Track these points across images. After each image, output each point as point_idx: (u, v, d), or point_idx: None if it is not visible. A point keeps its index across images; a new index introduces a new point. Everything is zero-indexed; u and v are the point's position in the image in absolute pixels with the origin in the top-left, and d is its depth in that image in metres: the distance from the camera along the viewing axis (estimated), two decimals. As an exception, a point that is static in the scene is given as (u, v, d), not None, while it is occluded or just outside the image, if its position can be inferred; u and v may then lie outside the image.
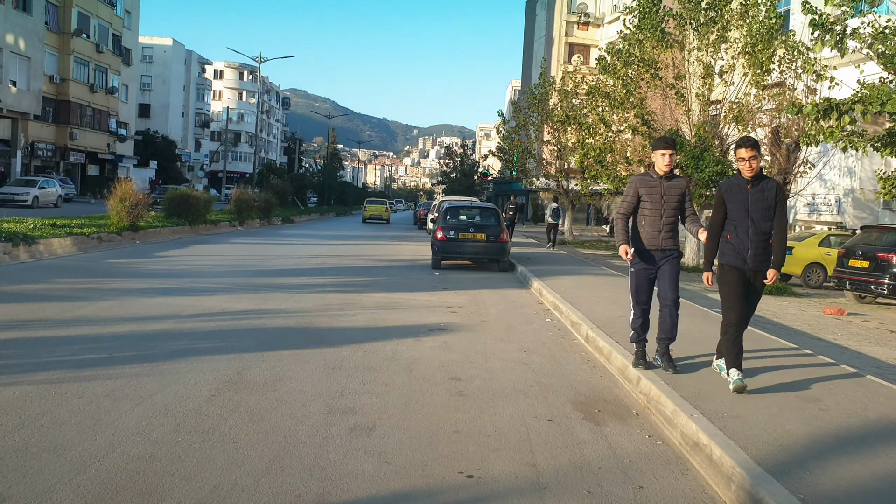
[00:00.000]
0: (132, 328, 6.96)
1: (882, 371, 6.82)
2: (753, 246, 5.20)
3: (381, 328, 7.79)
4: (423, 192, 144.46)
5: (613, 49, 18.49)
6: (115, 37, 47.45)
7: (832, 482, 3.57)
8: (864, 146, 10.42)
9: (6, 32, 34.27)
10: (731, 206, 5.28)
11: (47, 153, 40.60)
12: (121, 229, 17.17)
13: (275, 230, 28.39)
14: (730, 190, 5.33)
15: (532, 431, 4.49)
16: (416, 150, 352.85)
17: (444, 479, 3.67)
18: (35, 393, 4.66)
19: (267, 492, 3.38)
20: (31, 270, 11.14)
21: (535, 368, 6.26)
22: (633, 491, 3.65)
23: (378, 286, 11.59)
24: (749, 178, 5.24)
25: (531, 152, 30.62)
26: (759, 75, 15.71)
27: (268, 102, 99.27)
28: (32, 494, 3.20)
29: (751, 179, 5.24)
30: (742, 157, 5.23)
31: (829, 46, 9.48)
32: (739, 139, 5.35)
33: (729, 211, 5.29)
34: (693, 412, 4.59)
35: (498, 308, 9.92)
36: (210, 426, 4.24)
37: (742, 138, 5.33)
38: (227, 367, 5.65)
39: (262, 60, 48.41)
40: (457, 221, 15.51)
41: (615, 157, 19.90)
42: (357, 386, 5.32)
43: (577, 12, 51.81)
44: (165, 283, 10.52)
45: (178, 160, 65.94)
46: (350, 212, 64.15)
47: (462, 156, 62.40)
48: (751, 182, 5.24)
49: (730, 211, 5.29)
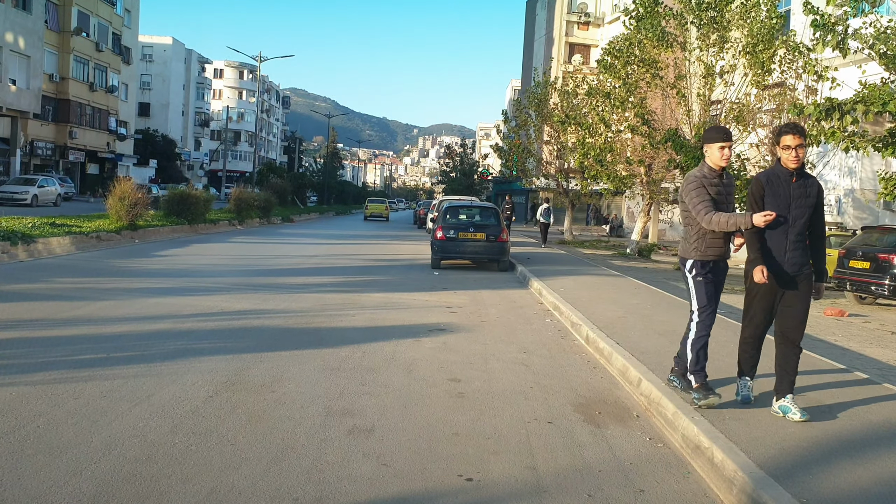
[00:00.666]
0: (130, 328, 6.93)
1: (883, 373, 6.78)
2: (792, 247, 4.69)
3: (381, 328, 7.76)
4: (422, 191, 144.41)
5: (614, 49, 18.47)
6: (115, 35, 47.41)
7: (835, 486, 3.54)
8: (866, 147, 10.38)
9: (6, 31, 34.21)
10: (771, 201, 4.67)
11: (47, 152, 40.57)
12: (120, 228, 17.14)
13: (274, 229, 28.36)
14: (770, 182, 4.72)
15: (532, 434, 4.46)
16: (416, 150, 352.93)
17: (443, 482, 3.64)
18: (31, 393, 4.63)
19: (265, 494, 3.34)
20: (30, 270, 11.11)
21: (535, 370, 6.23)
22: (633, 494, 3.62)
23: (377, 286, 11.56)
24: (793, 169, 4.68)
25: (531, 152, 30.60)
26: (759, 75, 15.70)
27: (268, 101, 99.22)
28: (27, 498, 3.16)
29: (795, 171, 4.70)
30: (787, 144, 4.65)
31: (831, 47, 9.45)
32: (784, 125, 4.78)
33: (767, 206, 4.67)
34: (694, 414, 4.56)
35: (498, 308, 9.89)
36: (208, 427, 4.21)
37: (787, 124, 4.78)
38: (226, 367, 5.62)
39: (262, 59, 48.38)
40: (456, 221, 15.47)
41: (615, 157, 19.89)
42: (356, 387, 5.29)
43: (578, 12, 51.80)
44: (164, 282, 10.49)
45: (177, 159, 65.95)
46: (350, 211, 64.13)
47: (462, 155, 62.37)
48: (795, 175, 4.70)
49: (768, 206, 4.66)
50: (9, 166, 36.75)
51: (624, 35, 18.52)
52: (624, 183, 20.82)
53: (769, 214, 4.53)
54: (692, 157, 15.47)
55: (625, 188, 22.25)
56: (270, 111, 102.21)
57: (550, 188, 31.53)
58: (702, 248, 4.95)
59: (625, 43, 18.22)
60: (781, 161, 4.74)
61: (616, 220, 38.87)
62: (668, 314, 9.22)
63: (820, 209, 4.78)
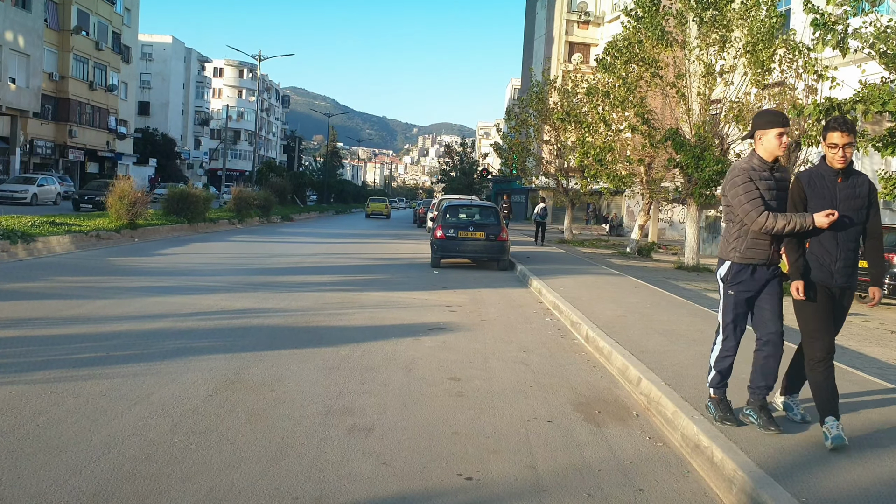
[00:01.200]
0: (130, 327, 6.93)
1: (883, 372, 6.78)
2: (843, 256, 4.20)
3: (380, 327, 7.76)
4: (422, 190, 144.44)
5: (613, 48, 18.46)
6: (115, 34, 47.38)
7: (834, 486, 3.54)
8: (866, 146, 10.38)
9: (5, 30, 34.18)
10: (815, 204, 4.21)
11: (46, 151, 40.54)
12: (119, 227, 17.13)
13: (274, 228, 28.36)
14: (813, 183, 4.26)
15: (532, 433, 4.46)
16: (416, 149, 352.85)
17: (443, 481, 3.64)
18: (31, 392, 4.63)
19: (264, 493, 3.34)
20: (30, 268, 11.10)
21: (534, 369, 6.23)
22: (633, 493, 3.62)
23: (377, 285, 11.56)
24: (840, 169, 4.22)
25: (530, 151, 30.59)
26: (759, 75, 15.69)
27: (267, 100, 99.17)
28: (27, 496, 3.16)
29: (841, 171, 4.23)
30: (834, 142, 4.17)
31: (831, 46, 9.45)
32: (831, 119, 4.27)
33: (810, 209, 4.23)
34: (694, 413, 4.56)
35: (497, 307, 9.89)
36: (207, 426, 4.21)
37: (835, 119, 4.26)
38: (225, 366, 5.62)
39: (261, 58, 48.36)
40: (456, 220, 15.47)
41: (615, 156, 19.88)
42: (355, 386, 5.29)
43: (577, 11, 51.78)
44: (163, 281, 10.48)
45: (177, 158, 65.89)
46: (350, 210, 64.13)
47: (462, 154, 62.35)
48: (841, 174, 4.23)
49: (811, 209, 4.22)
50: (8, 165, 36.73)
51: (623, 34, 18.51)
52: (624, 182, 20.82)
53: (832, 213, 4.07)
54: (692, 157, 15.49)
55: (624, 187, 22.25)
56: (270, 110, 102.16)
57: (550, 187, 31.51)
58: (741, 249, 4.37)
59: (624, 42, 18.21)
60: (826, 159, 4.27)
61: (616, 220, 38.88)
62: (668, 313, 9.22)
63: (874, 209, 4.29)
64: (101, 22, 45.12)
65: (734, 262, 4.39)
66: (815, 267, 4.24)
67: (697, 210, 17.33)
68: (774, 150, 4.33)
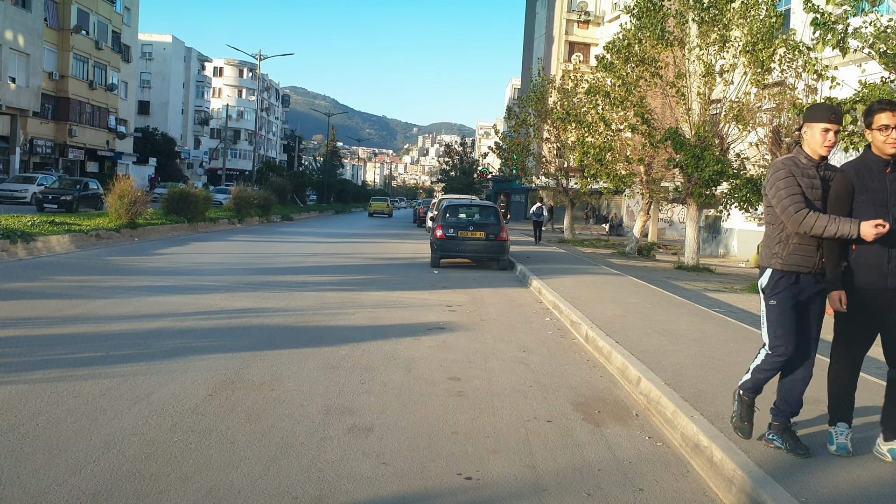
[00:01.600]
0: (129, 326, 6.93)
1: (882, 371, 6.77)
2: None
3: (380, 327, 7.76)
4: (422, 189, 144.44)
5: (613, 47, 18.46)
6: (115, 34, 47.35)
7: (834, 485, 3.54)
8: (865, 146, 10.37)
9: (5, 29, 34.17)
10: (863, 198, 3.75)
11: (46, 150, 40.51)
12: (119, 227, 17.14)
13: (274, 228, 28.36)
14: (861, 174, 3.79)
15: (531, 432, 4.46)
16: (416, 148, 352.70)
17: (443, 481, 3.64)
18: (31, 392, 4.63)
19: (264, 493, 3.34)
20: (29, 268, 11.10)
21: (534, 368, 6.23)
22: (633, 493, 3.62)
23: (377, 284, 11.56)
24: (891, 155, 3.77)
25: (530, 150, 30.59)
26: (759, 74, 15.68)
27: (267, 100, 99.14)
28: (27, 496, 3.16)
29: (891, 161, 3.79)
30: (884, 123, 3.71)
31: (831, 46, 9.44)
32: (877, 101, 3.86)
33: (856, 205, 3.77)
34: (693, 413, 4.56)
35: (497, 307, 9.89)
36: (207, 426, 4.21)
37: (880, 101, 3.86)
38: (225, 365, 5.62)
39: (261, 58, 48.36)
40: (456, 220, 15.47)
41: (615, 156, 19.87)
42: (355, 385, 5.29)
43: (578, 10, 51.82)
44: (163, 280, 10.48)
45: (177, 157, 65.84)
46: (349, 209, 64.12)
47: (462, 154, 62.37)
48: (891, 164, 3.79)
49: (859, 205, 3.76)
50: (8, 164, 36.71)
51: (623, 34, 18.51)
52: (623, 182, 20.82)
53: (882, 224, 3.60)
54: (692, 156, 15.49)
55: (624, 187, 22.25)
56: (270, 109, 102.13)
57: (550, 187, 31.51)
58: (783, 255, 3.94)
59: (623, 42, 18.21)
60: (873, 147, 3.83)
61: (616, 219, 38.89)
62: (668, 313, 9.22)
63: None
64: (101, 21, 45.09)
65: (776, 270, 3.97)
66: (864, 269, 3.79)
67: (697, 210, 17.34)
68: (818, 147, 3.90)
